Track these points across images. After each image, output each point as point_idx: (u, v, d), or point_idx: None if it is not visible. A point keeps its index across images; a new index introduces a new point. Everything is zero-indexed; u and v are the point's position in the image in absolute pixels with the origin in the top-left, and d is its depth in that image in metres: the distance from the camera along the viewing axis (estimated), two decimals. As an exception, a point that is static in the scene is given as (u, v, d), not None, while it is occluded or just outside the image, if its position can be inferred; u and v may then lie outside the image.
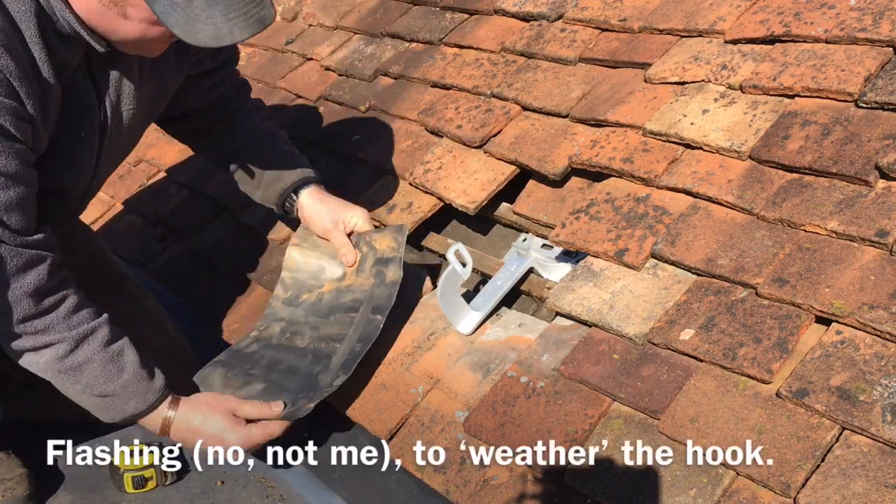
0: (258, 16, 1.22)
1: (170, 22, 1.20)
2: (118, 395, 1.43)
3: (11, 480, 1.47)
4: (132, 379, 1.44)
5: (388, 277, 1.60)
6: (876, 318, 1.14)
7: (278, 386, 1.53)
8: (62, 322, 1.37)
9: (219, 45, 1.22)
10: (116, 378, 1.42)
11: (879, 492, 1.01)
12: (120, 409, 1.44)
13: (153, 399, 1.46)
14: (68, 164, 1.44)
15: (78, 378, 1.40)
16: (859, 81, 1.40)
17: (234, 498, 1.49)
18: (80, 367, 1.39)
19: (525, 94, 1.84)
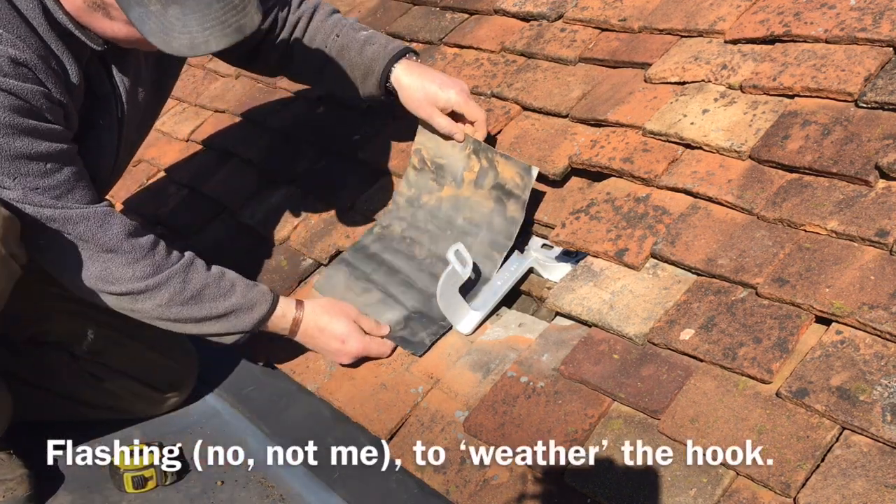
0: (237, 24, 1.20)
1: (144, 30, 1.19)
2: (241, 306, 1.49)
3: (12, 481, 1.47)
4: (246, 288, 1.51)
5: (510, 211, 1.59)
6: (876, 318, 1.14)
7: (394, 299, 1.61)
8: (165, 260, 1.44)
9: (193, 54, 1.22)
10: (232, 292, 1.49)
11: (879, 492, 1.01)
12: (248, 319, 1.50)
13: (271, 298, 1.53)
14: (94, 152, 1.47)
15: (201, 304, 1.46)
16: (859, 81, 1.40)
17: (234, 498, 1.49)
18: (199, 293, 1.46)
19: (525, 94, 1.84)
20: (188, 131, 2.50)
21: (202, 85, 2.65)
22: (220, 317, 1.48)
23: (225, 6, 1.19)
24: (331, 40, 1.71)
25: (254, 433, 1.63)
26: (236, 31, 1.21)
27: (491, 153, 1.64)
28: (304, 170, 2.08)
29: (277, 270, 1.89)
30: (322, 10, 1.75)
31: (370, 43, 1.69)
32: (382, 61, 1.67)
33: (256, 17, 1.23)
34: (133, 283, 1.41)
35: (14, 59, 1.24)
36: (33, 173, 1.29)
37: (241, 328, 1.51)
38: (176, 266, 1.45)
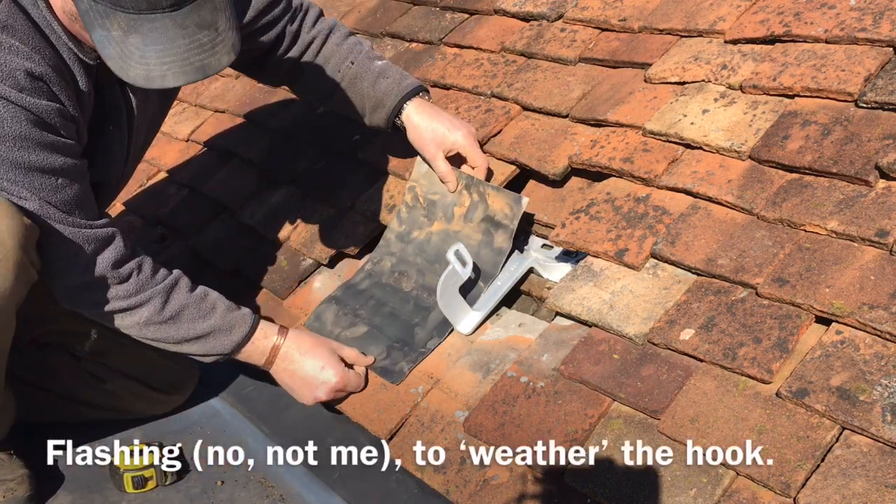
0: (200, 64, 1.17)
1: (105, 53, 1.17)
2: (220, 328, 1.49)
3: (13, 481, 1.47)
4: (226, 310, 1.50)
5: (497, 243, 1.60)
6: (876, 318, 1.14)
7: (378, 330, 1.61)
8: (149, 281, 1.45)
9: (148, 86, 1.19)
10: (212, 314, 1.49)
11: (879, 492, 1.01)
12: (226, 342, 1.49)
13: (251, 321, 1.52)
14: (103, 158, 1.48)
15: (179, 325, 1.47)
16: (859, 81, 1.40)
17: (234, 498, 1.49)
18: (177, 314, 1.46)
19: (525, 94, 1.84)
20: (188, 131, 2.50)
21: (202, 85, 2.65)
22: (197, 338, 1.48)
23: (191, 44, 1.15)
24: (345, 66, 1.70)
25: (254, 433, 1.63)
26: (198, 70, 1.18)
27: (483, 186, 1.64)
28: (304, 170, 2.08)
29: (277, 270, 1.89)
30: (338, 32, 1.74)
31: (384, 76, 1.68)
32: (395, 97, 1.66)
33: (225, 58, 1.20)
34: (114, 302, 1.43)
35: (30, 72, 1.25)
36: (48, 187, 1.31)
37: (220, 350, 1.50)
38: (158, 287, 1.45)
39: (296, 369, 1.52)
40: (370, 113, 1.71)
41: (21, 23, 1.25)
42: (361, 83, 1.69)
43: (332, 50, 1.71)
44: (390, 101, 1.67)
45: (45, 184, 1.31)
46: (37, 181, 1.30)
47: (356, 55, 1.71)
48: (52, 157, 1.30)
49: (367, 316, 1.65)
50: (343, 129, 2.12)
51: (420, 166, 1.74)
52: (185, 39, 1.15)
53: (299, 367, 1.52)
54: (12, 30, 1.24)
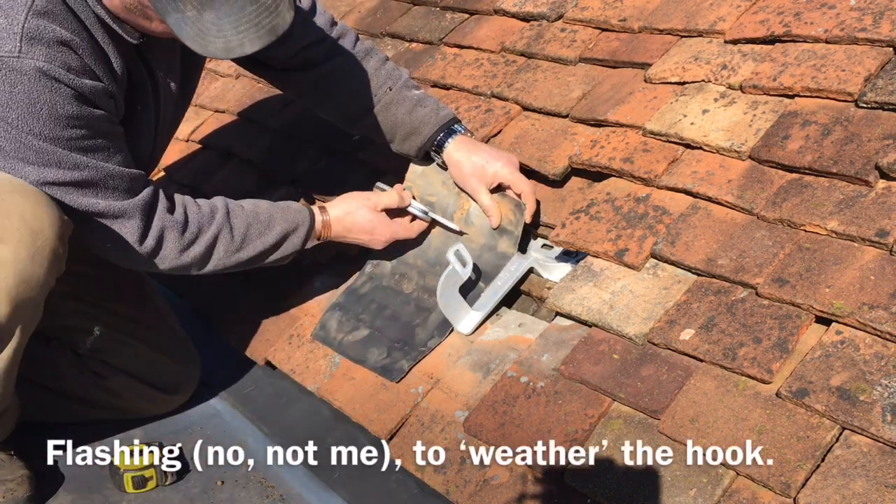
0: (269, 25, 1.23)
1: (182, 34, 1.23)
2: (287, 231, 1.56)
3: (13, 482, 1.47)
4: (281, 211, 1.57)
5: (500, 248, 1.62)
6: (876, 318, 1.14)
7: (379, 332, 1.62)
8: (202, 216, 1.50)
9: (228, 57, 1.26)
10: (272, 222, 1.56)
11: (879, 492, 1.01)
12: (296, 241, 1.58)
13: (308, 213, 1.59)
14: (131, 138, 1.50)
15: (253, 244, 1.54)
16: (859, 81, 1.40)
17: (234, 498, 1.50)
18: (246, 234, 1.53)
19: (525, 94, 1.84)
20: (188, 131, 2.50)
21: (202, 85, 2.64)
22: (272, 246, 1.55)
23: (258, 8, 1.22)
24: (382, 91, 1.69)
25: (254, 433, 1.63)
26: (269, 33, 1.24)
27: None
28: (304, 170, 2.08)
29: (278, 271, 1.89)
30: (377, 56, 1.73)
31: (422, 105, 1.68)
32: (432, 127, 1.65)
33: (288, 14, 1.26)
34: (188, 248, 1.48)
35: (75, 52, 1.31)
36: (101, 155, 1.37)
37: (292, 249, 1.58)
38: (217, 218, 1.51)
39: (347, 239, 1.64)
40: (401, 140, 1.70)
41: (59, 8, 1.30)
42: (397, 110, 1.67)
43: (372, 73, 1.70)
44: (427, 130, 1.65)
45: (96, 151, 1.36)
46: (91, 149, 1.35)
47: (394, 81, 1.70)
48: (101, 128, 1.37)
49: (368, 319, 1.65)
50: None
51: (415, 167, 1.73)
52: (253, 5, 1.21)
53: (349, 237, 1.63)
54: (52, 15, 1.29)
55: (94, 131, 1.35)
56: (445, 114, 1.67)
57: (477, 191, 1.62)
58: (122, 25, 1.37)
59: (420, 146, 1.67)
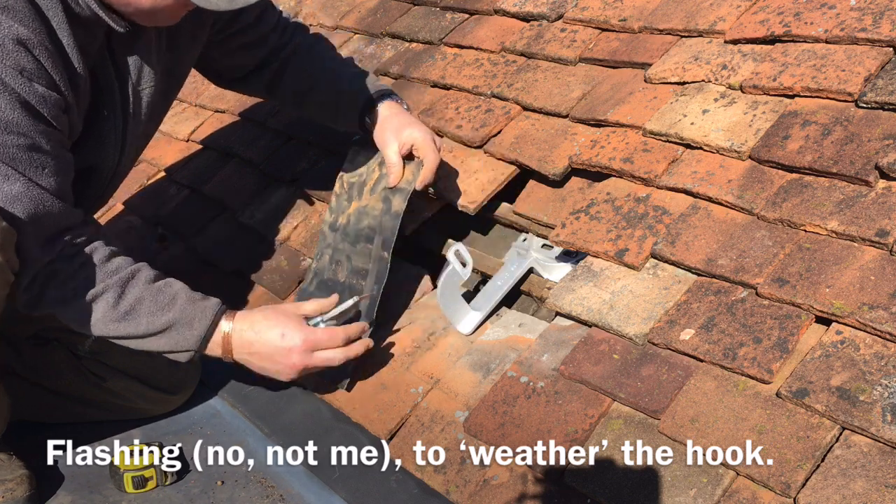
0: None
1: None
2: (180, 321, 1.39)
3: (12, 482, 1.47)
4: (187, 301, 1.41)
5: (394, 207, 1.60)
6: (876, 318, 1.14)
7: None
8: (99, 271, 1.36)
9: (231, 7, 1.21)
10: (171, 305, 1.40)
11: (879, 492, 1.01)
12: (188, 336, 1.40)
13: (214, 311, 1.42)
14: (95, 144, 1.46)
15: (137, 321, 1.38)
16: (859, 81, 1.40)
17: (234, 498, 1.49)
18: (133, 308, 1.38)
19: (525, 95, 1.84)
20: (188, 131, 2.50)
21: (202, 85, 2.64)
22: (158, 333, 1.40)
23: None
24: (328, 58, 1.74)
25: (254, 433, 1.63)
26: None
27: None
28: (304, 170, 2.08)
29: (277, 270, 1.89)
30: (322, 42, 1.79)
31: (364, 75, 1.73)
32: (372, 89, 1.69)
33: None
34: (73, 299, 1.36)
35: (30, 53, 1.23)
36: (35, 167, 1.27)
37: (185, 346, 1.42)
38: (111, 279, 1.37)
39: (257, 349, 1.43)
40: (345, 110, 1.70)
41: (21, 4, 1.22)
42: (341, 80, 1.71)
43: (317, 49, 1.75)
44: (366, 94, 1.68)
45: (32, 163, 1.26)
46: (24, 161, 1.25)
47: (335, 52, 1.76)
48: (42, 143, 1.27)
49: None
50: (343, 129, 2.12)
51: (350, 154, 1.76)
52: None
53: (259, 345, 1.43)
54: (12, 11, 1.21)
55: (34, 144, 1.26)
56: (384, 86, 1.72)
57: (388, 144, 1.62)
58: (108, 12, 1.30)
59: (360, 110, 1.68)
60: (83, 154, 1.43)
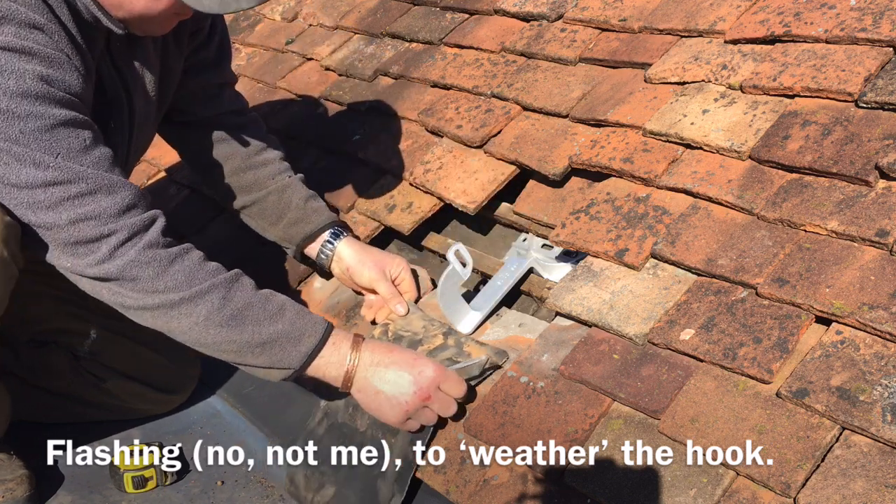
0: None
1: None
2: (287, 335, 1.30)
3: (12, 482, 1.47)
4: (297, 313, 1.32)
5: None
6: (876, 318, 1.14)
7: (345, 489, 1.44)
8: (201, 269, 1.28)
9: (223, 11, 1.20)
10: (280, 316, 1.31)
11: (879, 492, 1.01)
12: (294, 351, 1.30)
13: (324, 328, 1.33)
14: None
15: (242, 327, 1.28)
16: (859, 81, 1.40)
17: (234, 498, 1.50)
18: (241, 312, 1.28)
19: (525, 94, 1.84)
20: (188, 131, 2.50)
21: (202, 85, 2.65)
22: (261, 345, 1.30)
23: None
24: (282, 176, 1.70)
25: (254, 433, 1.63)
26: None
27: (464, 338, 1.50)
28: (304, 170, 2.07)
29: (278, 271, 1.89)
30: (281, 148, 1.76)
31: (316, 199, 1.71)
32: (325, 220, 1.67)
33: None
34: (163, 293, 1.25)
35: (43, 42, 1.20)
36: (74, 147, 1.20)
37: (287, 363, 1.31)
38: (219, 277, 1.29)
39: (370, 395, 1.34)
40: (288, 224, 1.67)
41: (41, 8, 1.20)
42: (293, 194, 1.68)
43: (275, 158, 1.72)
44: (319, 220, 1.66)
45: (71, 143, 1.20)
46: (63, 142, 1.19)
47: (293, 173, 1.73)
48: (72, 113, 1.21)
49: (330, 473, 1.47)
50: (343, 129, 2.12)
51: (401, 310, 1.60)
52: None
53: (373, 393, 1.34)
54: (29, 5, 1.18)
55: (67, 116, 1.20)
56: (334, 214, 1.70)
57: (379, 281, 1.60)
58: (107, 15, 1.26)
59: (307, 235, 1.66)
60: None
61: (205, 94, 1.69)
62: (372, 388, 1.34)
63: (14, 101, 1.15)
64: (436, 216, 1.83)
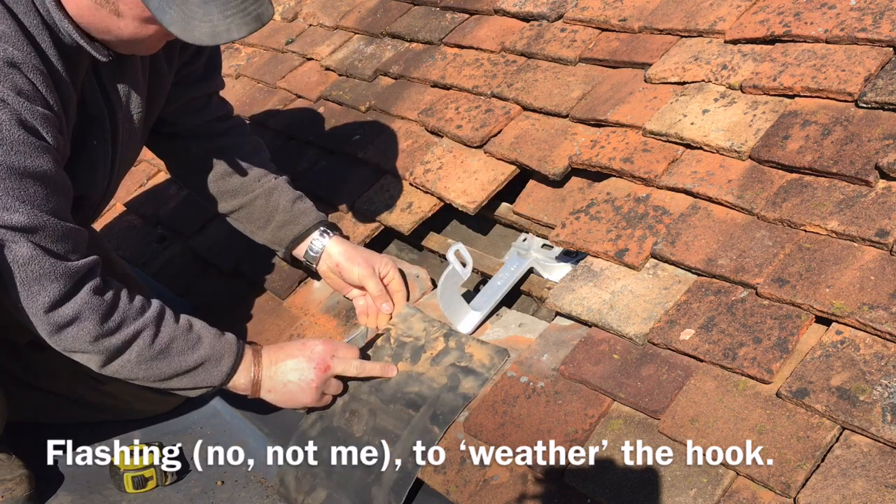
0: (256, 13, 1.20)
1: (165, 19, 1.17)
2: (209, 358, 1.42)
3: (11, 481, 1.47)
4: (213, 339, 1.43)
5: (463, 388, 1.44)
6: (876, 318, 1.14)
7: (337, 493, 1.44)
8: (131, 309, 1.36)
9: (215, 42, 1.20)
10: (199, 345, 1.41)
11: (879, 492, 1.01)
12: (216, 373, 1.42)
13: (237, 346, 1.45)
14: (85, 174, 1.43)
15: (170, 359, 1.39)
16: (859, 81, 1.40)
17: (234, 498, 1.50)
18: (167, 346, 1.38)
19: (525, 94, 1.84)
20: (188, 131, 2.50)
21: (202, 85, 2.65)
22: (187, 371, 1.41)
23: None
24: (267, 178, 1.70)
25: (254, 433, 1.63)
26: (255, 20, 1.20)
27: (465, 338, 1.52)
28: (304, 170, 2.08)
29: (277, 270, 1.89)
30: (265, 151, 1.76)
31: (303, 200, 1.70)
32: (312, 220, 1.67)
33: (271, 7, 1.23)
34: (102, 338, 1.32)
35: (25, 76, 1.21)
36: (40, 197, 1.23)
37: (209, 382, 1.44)
38: (147, 316, 1.37)
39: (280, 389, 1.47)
40: (276, 227, 1.68)
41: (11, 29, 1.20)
42: (280, 196, 1.68)
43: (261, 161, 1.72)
44: (307, 220, 1.67)
45: (37, 193, 1.23)
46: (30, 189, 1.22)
47: (278, 174, 1.73)
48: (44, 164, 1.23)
49: (323, 476, 1.47)
50: (343, 129, 2.13)
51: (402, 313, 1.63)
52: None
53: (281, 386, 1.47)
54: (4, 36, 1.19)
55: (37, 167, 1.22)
56: (322, 214, 1.70)
57: (368, 277, 1.61)
58: (90, 42, 1.27)
59: (295, 236, 1.67)
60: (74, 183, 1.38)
61: (193, 106, 1.68)
62: (280, 382, 1.47)
63: None
64: (436, 216, 1.83)
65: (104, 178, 1.50)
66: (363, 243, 1.83)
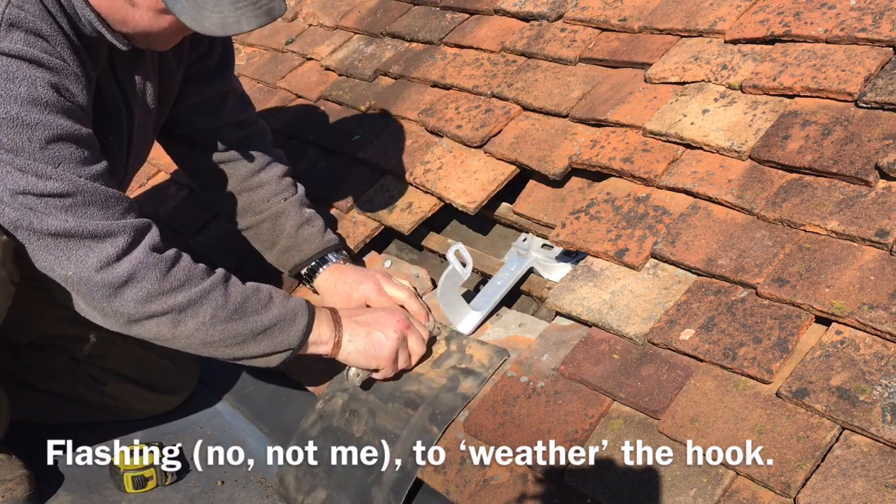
0: (267, 7, 1.20)
1: (176, 9, 1.18)
2: (284, 317, 1.37)
3: (11, 481, 1.47)
4: (283, 299, 1.39)
5: (463, 388, 1.44)
6: (876, 318, 1.14)
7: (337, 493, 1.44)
8: (196, 269, 1.32)
9: (225, 34, 1.20)
10: (271, 304, 1.37)
11: (879, 492, 1.01)
12: (292, 331, 1.37)
13: (308, 304, 1.41)
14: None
15: (246, 318, 1.33)
16: (859, 81, 1.40)
17: (234, 498, 1.50)
18: (241, 305, 1.33)
19: (525, 94, 1.84)
20: (188, 131, 2.50)
21: (202, 85, 2.64)
22: (264, 331, 1.34)
23: None
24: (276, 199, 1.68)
25: (254, 433, 1.63)
26: (266, 14, 1.20)
27: (466, 340, 1.53)
28: (304, 170, 2.08)
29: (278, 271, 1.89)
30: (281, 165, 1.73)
31: (310, 224, 1.68)
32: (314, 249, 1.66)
33: (283, 3, 1.23)
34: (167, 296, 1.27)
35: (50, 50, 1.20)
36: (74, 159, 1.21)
37: (287, 344, 1.37)
38: (215, 276, 1.33)
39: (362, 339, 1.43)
40: (280, 252, 1.68)
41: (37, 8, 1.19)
42: (286, 221, 1.67)
43: (273, 179, 1.70)
44: (309, 249, 1.66)
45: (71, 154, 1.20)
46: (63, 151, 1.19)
47: (290, 194, 1.70)
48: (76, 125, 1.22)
49: (323, 476, 1.47)
50: (343, 129, 2.12)
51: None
52: None
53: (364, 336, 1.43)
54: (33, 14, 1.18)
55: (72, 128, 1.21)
56: (329, 238, 1.68)
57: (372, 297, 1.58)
58: (112, 32, 1.27)
59: (296, 264, 1.67)
60: None
61: (207, 105, 1.67)
62: (363, 331, 1.44)
63: (25, 109, 1.15)
64: (436, 216, 1.83)
65: (120, 172, 1.50)
66: (363, 243, 1.83)
